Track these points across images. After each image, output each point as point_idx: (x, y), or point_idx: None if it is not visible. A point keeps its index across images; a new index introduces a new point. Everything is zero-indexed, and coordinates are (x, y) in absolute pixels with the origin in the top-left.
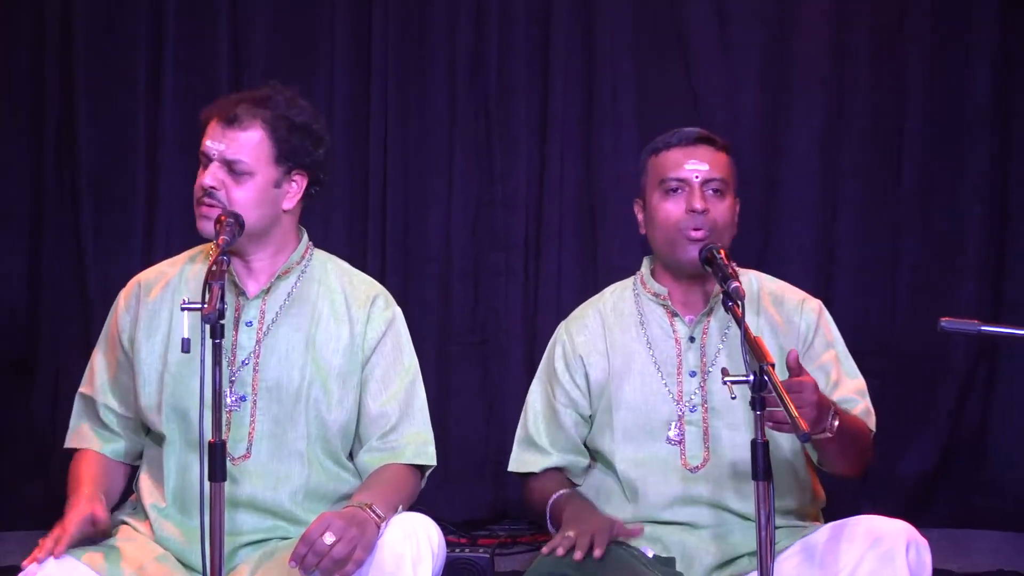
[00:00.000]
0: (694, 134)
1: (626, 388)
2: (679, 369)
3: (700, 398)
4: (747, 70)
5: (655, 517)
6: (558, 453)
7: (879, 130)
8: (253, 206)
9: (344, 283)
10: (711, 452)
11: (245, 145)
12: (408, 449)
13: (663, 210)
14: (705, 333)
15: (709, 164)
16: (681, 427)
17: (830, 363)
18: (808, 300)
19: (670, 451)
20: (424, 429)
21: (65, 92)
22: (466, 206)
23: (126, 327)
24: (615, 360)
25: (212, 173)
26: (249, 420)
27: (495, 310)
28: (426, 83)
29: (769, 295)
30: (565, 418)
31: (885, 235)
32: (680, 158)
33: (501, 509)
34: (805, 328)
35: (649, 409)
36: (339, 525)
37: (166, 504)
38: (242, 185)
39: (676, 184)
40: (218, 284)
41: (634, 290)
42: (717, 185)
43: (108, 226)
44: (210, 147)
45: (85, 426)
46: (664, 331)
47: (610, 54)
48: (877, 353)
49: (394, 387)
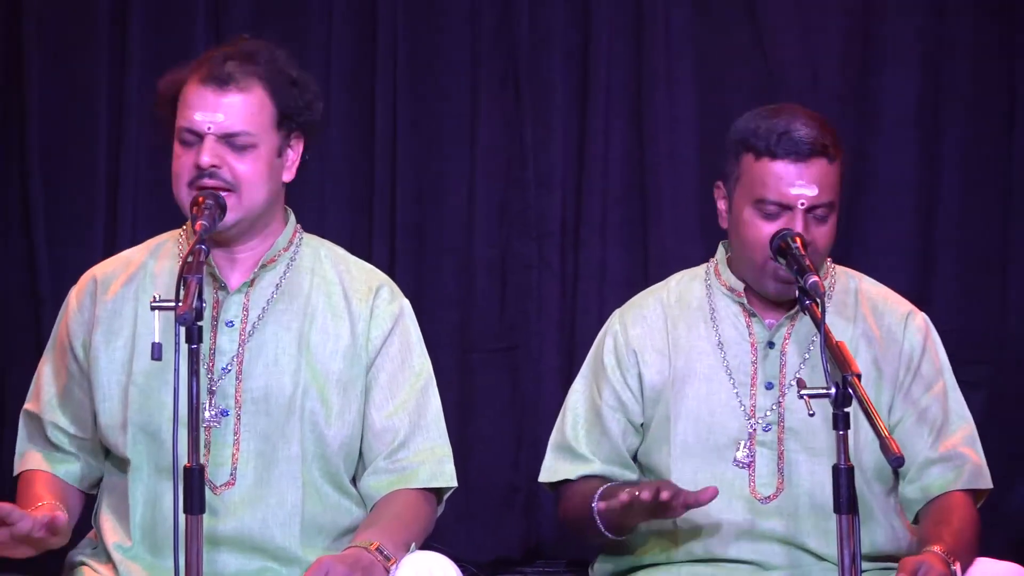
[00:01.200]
0: (807, 146)
1: (688, 395)
2: (753, 379)
3: (776, 415)
4: (828, 20)
5: (717, 554)
6: (600, 463)
7: (986, 96)
8: (262, 181)
9: (341, 272)
10: (785, 481)
11: (246, 111)
12: (422, 470)
13: (755, 228)
14: (787, 339)
15: (820, 187)
16: (752, 448)
17: (936, 401)
18: (914, 315)
19: (737, 475)
20: (440, 443)
21: (11, 50)
22: (491, 186)
23: (79, 331)
24: (677, 361)
25: (210, 149)
26: (232, 438)
27: (526, 311)
28: (443, 35)
29: (868, 301)
30: (611, 424)
31: (994, 222)
32: (786, 177)
33: (533, 547)
34: (909, 349)
35: (715, 423)
36: (341, 572)
37: (132, 543)
38: (245, 158)
39: (775, 208)
40: (195, 279)
41: (706, 280)
42: (824, 211)
43: (62, 211)
44: (200, 120)
45: (32, 450)
46: (739, 332)
47: (663, 1)
48: (983, 363)
49: (402, 395)
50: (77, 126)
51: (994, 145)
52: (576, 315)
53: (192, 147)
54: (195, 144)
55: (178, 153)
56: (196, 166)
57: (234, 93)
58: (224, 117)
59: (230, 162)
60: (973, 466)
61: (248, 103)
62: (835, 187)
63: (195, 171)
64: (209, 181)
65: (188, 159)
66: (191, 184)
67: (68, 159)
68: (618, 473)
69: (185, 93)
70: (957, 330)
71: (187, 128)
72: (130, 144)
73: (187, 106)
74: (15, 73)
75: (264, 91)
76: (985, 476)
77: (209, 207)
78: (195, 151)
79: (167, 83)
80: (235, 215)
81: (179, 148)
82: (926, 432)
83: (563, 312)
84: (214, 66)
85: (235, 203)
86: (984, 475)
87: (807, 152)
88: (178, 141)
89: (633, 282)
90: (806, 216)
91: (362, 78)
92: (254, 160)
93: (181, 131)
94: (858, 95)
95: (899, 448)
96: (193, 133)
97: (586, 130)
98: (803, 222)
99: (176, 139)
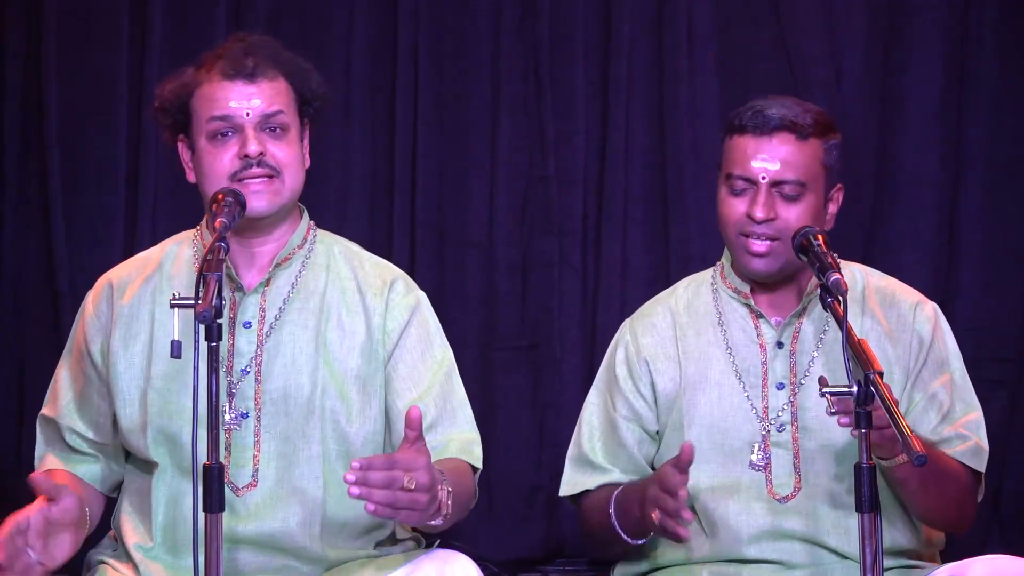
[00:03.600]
0: (773, 120)
1: (701, 401)
2: (764, 380)
3: (789, 415)
4: (852, 16)
5: (739, 555)
6: (618, 473)
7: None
8: (300, 165)
9: (355, 268)
10: (803, 479)
11: (277, 95)
12: (452, 445)
13: (725, 205)
14: (796, 338)
15: (782, 162)
16: (767, 449)
17: (943, 389)
18: (923, 304)
19: (754, 478)
20: (468, 429)
21: (30, 46)
22: (512, 181)
23: (96, 337)
24: (688, 368)
25: (254, 137)
26: (253, 440)
27: (547, 308)
28: (465, 28)
29: (876, 294)
30: (626, 434)
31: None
32: (749, 150)
33: (555, 546)
34: (918, 341)
35: (728, 427)
36: (425, 483)
37: (153, 543)
38: (282, 143)
39: (741, 184)
40: (215, 276)
41: (712, 285)
42: (791, 188)
43: (82, 209)
44: (237, 108)
45: (50, 455)
46: (747, 335)
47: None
48: (1007, 360)
49: (426, 383)
50: (97, 123)
51: (1018, 143)
52: (598, 312)
53: (228, 140)
54: (231, 137)
55: (211, 150)
56: (242, 156)
57: (263, 81)
58: (260, 102)
59: (270, 148)
60: (974, 445)
61: (277, 88)
62: (809, 166)
63: (239, 163)
64: (257, 170)
65: (227, 152)
66: (233, 177)
67: (87, 156)
68: None
69: (207, 90)
70: (980, 328)
71: (221, 116)
72: (150, 141)
73: (215, 100)
74: (34, 69)
75: (285, 79)
76: (983, 459)
77: (229, 204)
78: (236, 142)
79: (175, 87)
80: (282, 199)
81: (211, 145)
82: (933, 415)
83: (585, 310)
84: (235, 61)
85: (279, 188)
86: (982, 458)
87: (772, 126)
88: (207, 138)
89: (655, 279)
90: (771, 192)
91: (383, 74)
92: (289, 144)
93: (212, 124)
94: (882, 91)
95: (922, 447)
96: (230, 123)
97: (608, 126)
98: (765, 197)
99: (203, 136)
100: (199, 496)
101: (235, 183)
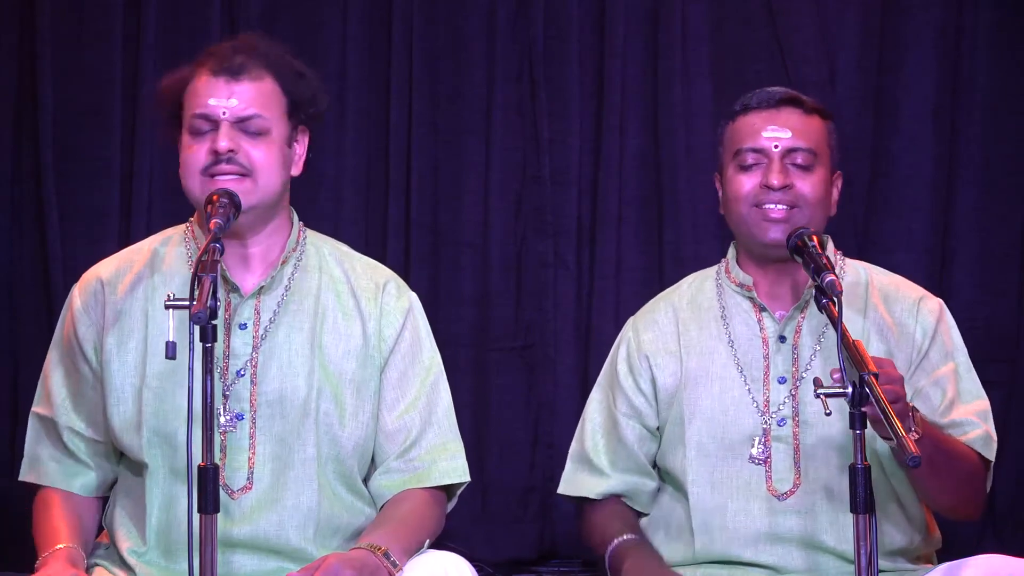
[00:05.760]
0: (777, 95)
1: (702, 395)
2: (766, 374)
3: (790, 409)
4: (846, 14)
5: (734, 556)
6: (618, 475)
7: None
8: (276, 168)
9: (347, 270)
10: (802, 475)
11: (258, 97)
12: (434, 468)
13: (736, 183)
14: (798, 332)
15: (793, 131)
16: (767, 444)
17: (947, 378)
18: (927, 299)
19: (753, 472)
20: (451, 438)
21: (24, 43)
22: (506, 182)
23: (89, 334)
24: (689, 362)
25: (226, 134)
26: (248, 443)
27: (542, 308)
28: (459, 29)
29: (879, 291)
30: (627, 432)
31: (1012, 219)
32: (758, 124)
33: (548, 547)
34: (920, 334)
35: (728, 421)
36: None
37: (147, 547)
38: (260, 144)
39: (753, 157)
40: (210, 277)
41: (717, 280)
42: (803, 157)
43: (76, 206)
44: (215, 106)
45: (45, 455)
46: (750, 328)
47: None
48: (1001, 360)
49: (413, 392)
50: (91, 120)
51: (1011, 143)
52: (592, 313)
53: (205, 136)
54: (208, 132)
55: (189, 143)
56: (212, 152)
57: (246, 81)
58: (238, 102)
59: (245, 148)
60: (984, 433)
61: (260, 90)
62: (817, 139)
63: (210, 158)
64: (226, 167)
65: (201, 147)
66: (205, 172)
67: (82, 153)
68: (635, 483)
69: (195, 85)
70: (974, 328)
71: (201, 115)
72: (144, 138)
73: (198, 96)
74: (29, 67)
75: (274, 81)
76: (992, 448)
77: (224, 205)
78: (209, 138)
79: (171, 82)
80: (251, 200)
81: (190, 139)
82: (938, 398)
83: (579, 310)
84: (223, 58)
85: (251, 188)
86: (991, 447)
87: (778, 100)
88: (188, 133)
89: (649, 280)
90: (783, 161)
91: (377, 74)
92: (268, 146)
93: (193, 120)
94: (875, 91)
95: (917, 448)
96: (207, 120)
97: (602, 127)
98: (780, 167)
99: (186, 131)
100: (194, 497)
101: (206, 178)
